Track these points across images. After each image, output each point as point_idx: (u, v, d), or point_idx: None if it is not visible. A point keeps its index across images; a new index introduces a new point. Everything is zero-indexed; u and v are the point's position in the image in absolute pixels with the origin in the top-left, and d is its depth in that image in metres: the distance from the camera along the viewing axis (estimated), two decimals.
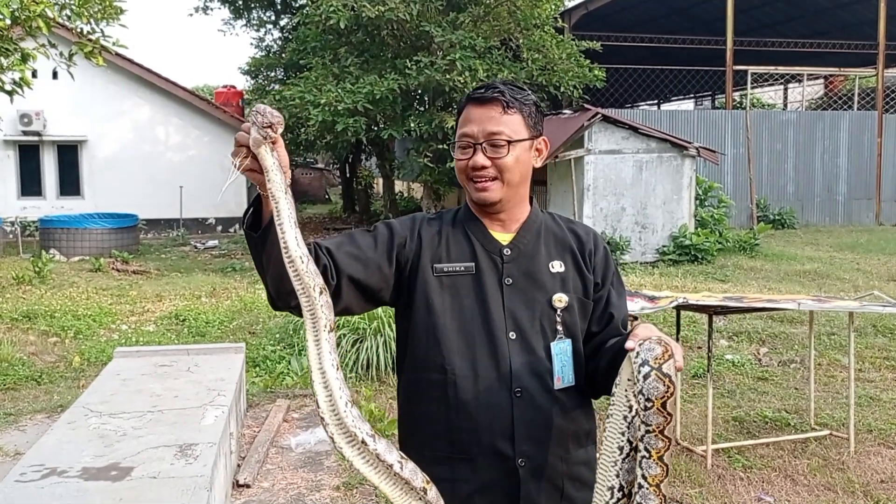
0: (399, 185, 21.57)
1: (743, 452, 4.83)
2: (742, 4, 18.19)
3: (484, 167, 1.77)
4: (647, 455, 1.50)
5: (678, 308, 4.75)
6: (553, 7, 14.25)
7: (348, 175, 22.90)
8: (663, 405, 1.47)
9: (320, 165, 31.62)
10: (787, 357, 7.11)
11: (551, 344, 1.77)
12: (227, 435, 3.81)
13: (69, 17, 9.21)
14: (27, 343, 7.75)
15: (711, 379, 4.90)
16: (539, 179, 13.95)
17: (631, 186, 12.35)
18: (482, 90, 1.81)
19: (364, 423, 1.47)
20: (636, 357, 1.50)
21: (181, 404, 4.01)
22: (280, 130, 1.47)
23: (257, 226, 1.60)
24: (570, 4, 16.68)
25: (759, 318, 8.03)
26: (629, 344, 1.55)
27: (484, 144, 1.77)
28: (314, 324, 1.47)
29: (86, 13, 9.02)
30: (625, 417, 1.55)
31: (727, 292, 9.38)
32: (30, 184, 17.89)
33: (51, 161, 17.95)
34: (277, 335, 7.54)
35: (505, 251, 1.81)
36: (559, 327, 1.78)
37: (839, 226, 17.87)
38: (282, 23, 21.10)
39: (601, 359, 1.77)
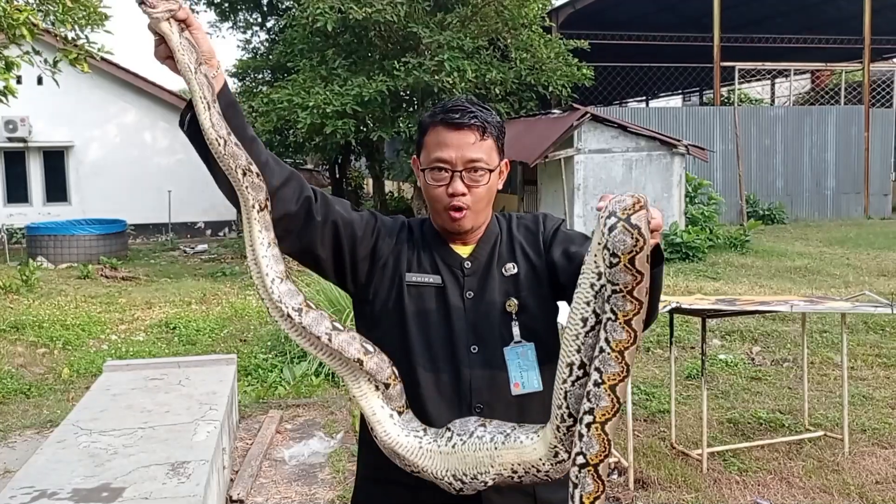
0: (389, 186, 21.52)
1: (738, 455, 4.82)
2: (729, 1, 18.23)
3: (463, 194, 1.75)
4: (613, 317, 1.34)
5: (672, 312, 4.74)
6: (540, 6, 14.25)
7: (338, 176, 22.84)
8: (631, 261, 1.29)
9: (309, 167, 31.52)
10: (779, 356, 7.11)
11: (504, 349, 1.74)
12: (219, 451, 3.77)
13: (53, 24, 9.14)
14: (15, 355, 7.67)
15: (706, 382, 4.89)
16: (530, 179, 13.95)
17: (621, 185, 12.34)
18: (455, 114, 1.76)
19: (293, 298, 1.50)
20: (603, 211, 1.33)
21: (172, 420, 3.96)
22: (167, 6, 1.42)
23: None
24: (557, 3, 16.67)
25: (752, 317, 8.03)
26: (600, 203, 1.39)
27: (463, 172, 1.74)
28: (244, 204, 1.48)
29: (70, 20, 8.95)
30: (592, 285, 1.39)
31: (719, 290, 9.39)
32: (16, 190, 17.76)
33: (37, 167, 17.83)
34: (269, 343, 7.50)
35: (465, 264, 1.80)
36: (515, 331, 1.75)
37: (828, 220, 17.94)
38: (268, 25, 20.99)
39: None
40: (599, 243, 1.34)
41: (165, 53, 1.47)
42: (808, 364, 6.15)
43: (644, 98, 29.48)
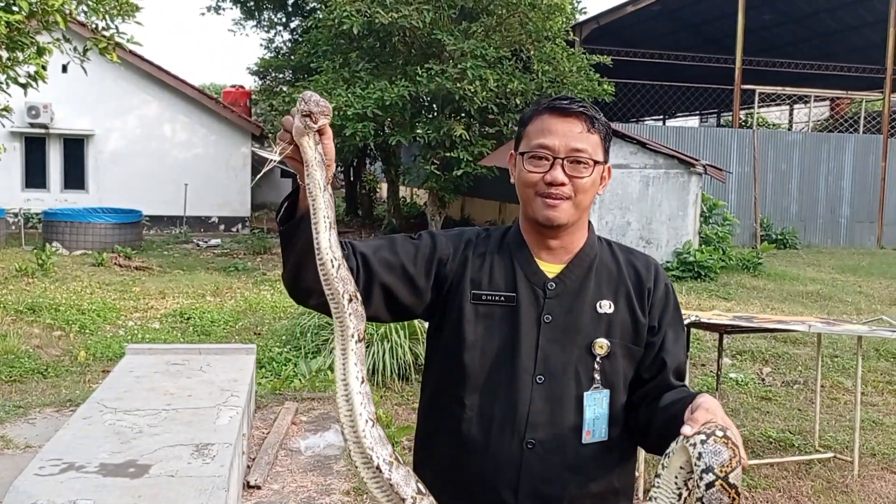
0: (403, 191, 21.60)
1: (747, 472, 4.85)
2: (752, 24, 18.28)
3: (563, 184, 1.62)
4: None
5: (689, 326, 4.78)
6: (565, 20, 14.31)
7: (352, 179, 22.94)
8: None
9: None
10: (790, 378, 7.14)
11: (585, 393, 1.61)
12: (240, 436, 3.83)
13: (86, 13, 9.25)
14: (32, 336, 7.76)
15: (719, 399, 4.92)
16: None
17: (637, 201, 12.40)
18: (565, 101, 1.66)
19: (384, 446, 1.37)
20: (698, 459, 1.32)
21: (195, 403, 4.03)
22: (322, 122, 1.37)
23: (290, 219, 1.51)
24: (581, 18, 16.75)
25: (763, 338, 8.07)
26: (686, 429, 1.35)
27: (565, 160, 1.62)
28: (342, 332, 1.39)
29: (102, 9, 9.06)
30: None
31: (731, 310, 9.41)
32: (34, 176, 17.90)
33: (56, 154, 17.97)
34: (283, 337, 7.56)
35: (549, 285, 1.65)
36: (596, 375, 1.62)
37: (841, 247, 17.92)
38: (292, 25, 21.16)
39: (657, 415, 1.61)
40: (683, 472, 1.38)
41: (294, 156, 1.42)
42: (819, 387, 6.18)
43: (661, 117, 29.54)
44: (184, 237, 17.22)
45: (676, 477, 1.39)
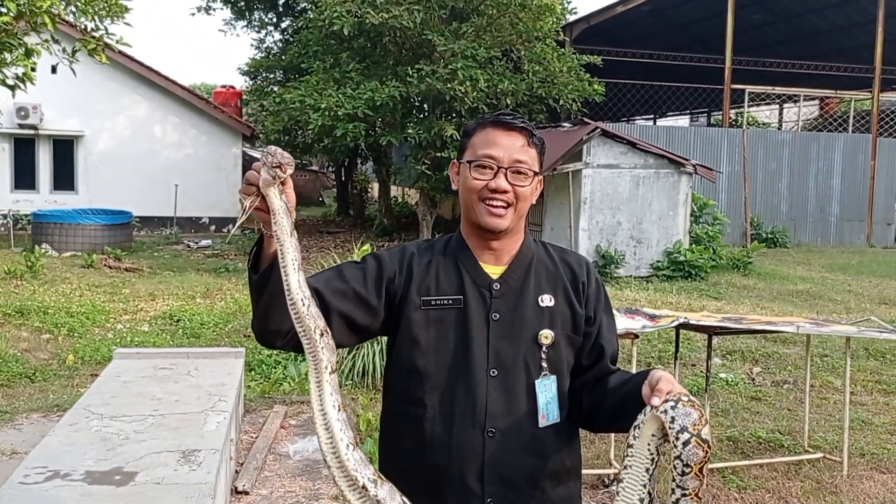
0: (394, 191, 21.58)
1: (737, 472, 4.86)
2: (741, 24, 18.33)
3: (505, 191, 1.77)
4: None
5: (678, 327, 4.79)
6: (555, 20, 14.33)
7: (343, 179, 22.91)
8: (701, 470, 1.48)
9: (315, 168, 31.60)
10: (780, 377, 7.16)
11: (536, 381, 1.76)
12: (228, 441, 3.81)
13: (74, 14, 9.20)
14: (20, 339, 7.71)
15: (709, 400, 4.93)
16: None
17: (627, 201, 12.41)
18: (508, 117, 1.82)
19: (367, 466, 1.46)
20: (672, 423, 1.49)
21: (182, 409, 4.00)
22: (290, 171, 1.47)
23: (257, 265, 1.61)
24: (571, 19, 16.76)
25: (753, 338, 8.08)
26: (654, 401, 1.54)
27: (508, 170, 1.78)
28: (315, 366, 1.47)
29: (91, 10, 9.01)
30: (647, 470, 1.57)
31: (721, 310, 9.43)
32: (23, 177, 17.80)
33: (46, 155, 17.88)
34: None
35: (494, 285, 1.80)
36: (544, 364, 1.77)
37: (831, 246, 17.99)
38: (283, 25, 21.13)
39: (606, 397, 1.77)
40: (657, 440, 1.55)
41: (261, 206, 1.51)
42: (809, 387, 6.20)
43: (652, 116, 29.59)
44: (174, 238, 17.16)
45: (649, 444, 1.56)
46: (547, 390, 1.77)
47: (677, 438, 1.48)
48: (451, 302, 1.78)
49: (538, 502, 1.77)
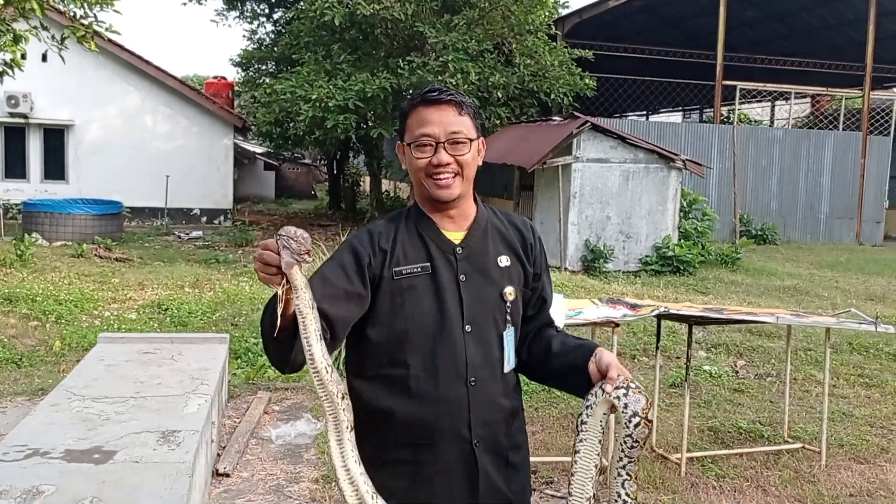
0: (386, 184, 21.58)
1: (717, 462, 4.90)
2: (734, 21, 18.38)
3: (448, 164, 1.89)
4: (629, 477, 1.82)
5: (659, 317, 4.82)
6: (547, 14, 14.36)
7: (335, 172, 22.89)
8: (645, 442, 1.82)
9: (307, 161, 31.57)
10: (763, 370, 7.21)
11: (503, 333, 1.96)
12: (209, 423, 3.83)
13: (63, 1, 9.17)
14: (7, 326, 7.71)
15: (689, 389, 4.97)
16: (526, 185, 14.04)
17: (617, 196, 12.45)
18: (434, 93, 1.93)
19: None
20: (625, 408, 1.77)
21: (164, 391, 4.03)
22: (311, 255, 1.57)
23: (273, 319, 1.69)
24: (563, 13, 16.78)
25: (738, 331, 8.13)
26: (608, 388, 1.79)
27: (445, 143, 1.89)
28: (336, 426, 1.59)
29: None
30: (599, 441, 1.82)
31: (708, 304, 9.48)
32: (14, 166, 17.76)
33: (36, 144, 17.83)
34: (259, 328, 7.54)
35: (458, 249, 1.94)
36: (508, 317, 1.97)
37: (820, 243, 18.08)
38: (275, 16, 21.08)
39: (550, 358, 2.00)
40: (606, 416, 1.83)
41: (286, 286, 1.59)
42: (791, 380, 6.24)
43: (644, 112, 29.62)
44: (165, 229, 17.13)
45: (601, 420, 1.83)
46: (511, 340, 1.98)
47: (630, 421, 1.76)
48: (420, 270, 1.91)
49: (505, 437, 1.97)
